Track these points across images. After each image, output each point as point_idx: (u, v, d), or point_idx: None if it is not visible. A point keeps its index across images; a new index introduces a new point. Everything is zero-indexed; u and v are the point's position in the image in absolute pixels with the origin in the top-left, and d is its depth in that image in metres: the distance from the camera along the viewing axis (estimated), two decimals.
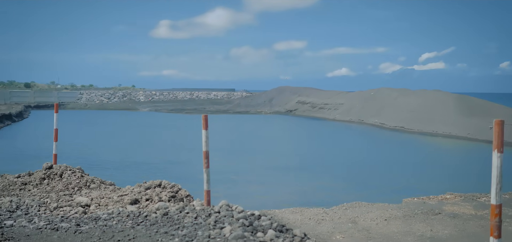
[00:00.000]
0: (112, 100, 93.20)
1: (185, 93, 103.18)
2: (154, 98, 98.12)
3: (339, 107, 67.38)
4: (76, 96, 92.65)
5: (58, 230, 6.05)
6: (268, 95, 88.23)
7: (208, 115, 7.52)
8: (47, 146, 33.11)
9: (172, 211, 6.85)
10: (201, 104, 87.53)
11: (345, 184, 22.44)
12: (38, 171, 10.55)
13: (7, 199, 8.34)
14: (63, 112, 69.23)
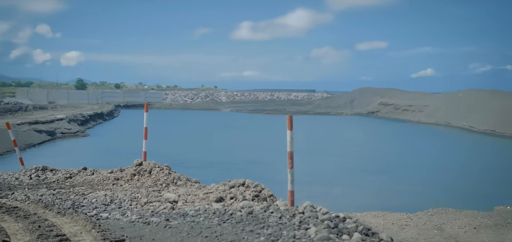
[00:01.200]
0: (195, 100, 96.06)
1: (265, 94, 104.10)
2: (235, 98, 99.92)
3: (424, 109, 64.99)
4: (161, 97, 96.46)
5: (150, 224, 6.32)
6: (349, 97, 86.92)
7: (292, 116, 7.52)
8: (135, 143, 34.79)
9: (257, 210, 6.93)
10: (281, 105, 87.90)
11: (430, 189, 21.60)
12: (129, 167, 11.09)
13: (102, 193, 8.85)
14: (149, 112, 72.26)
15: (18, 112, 57.18)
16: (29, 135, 34.82)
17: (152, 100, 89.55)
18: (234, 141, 41.37)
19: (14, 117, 44.89)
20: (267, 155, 30.99)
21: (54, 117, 43.84)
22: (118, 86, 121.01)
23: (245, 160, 28.69)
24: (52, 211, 7.14)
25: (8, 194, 8.93)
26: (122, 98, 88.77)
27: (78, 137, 40.02)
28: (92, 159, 26.52)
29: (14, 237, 5.69)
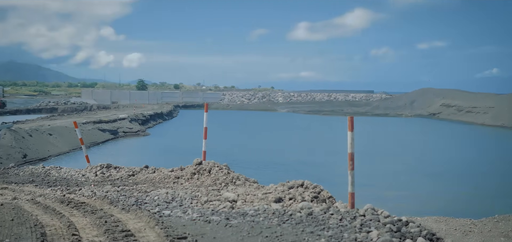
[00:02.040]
0: (252, 101, 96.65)
1: (322, 95, 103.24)
2: (292, 99, 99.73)
3: (489, 111, 62.28)
4: (219, 97, 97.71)
5: (210, 223, 6.41)
6: (409, 98, 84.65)
7: (353, 117, 7.41)
8: (192, 143, 35.38)
9: (316, 211, 6.87)
10: (338, 106, 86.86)
11: (496, 195, 20.66)
12: (189, 166, 11.29)
13: (164, 191, 9.07)
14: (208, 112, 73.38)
15: (83, 111, 59.68)
16: (94, 133, 36.19)
17: (210, 101, 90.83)
18: (290, 141, 41.28)
19: (80, 117, 46.85)
20: (324, 157, 30.73)
21: (117, 117, 45.35)
22: (177, 87, 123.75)
23: (302, 161, 28.56)
24: (117, 207, 7.39)
25: (76, 190, 9.32)
26: (181, 99, 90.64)
27: (139, 136, 41.20)
28: (152, 157, 27.24)
29: (82, 231, 5.92)
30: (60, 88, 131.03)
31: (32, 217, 6.73)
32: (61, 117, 46.90)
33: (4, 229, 6.04)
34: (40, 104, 67.34)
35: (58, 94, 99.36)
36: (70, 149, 30.93)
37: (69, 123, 36.34)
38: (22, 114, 57.10)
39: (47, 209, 7.32)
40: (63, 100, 75.12)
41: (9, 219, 6.59)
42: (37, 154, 27.33)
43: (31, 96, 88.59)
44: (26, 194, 9.15)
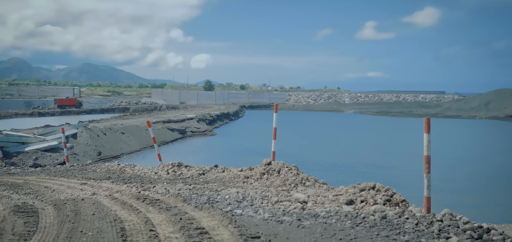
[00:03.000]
0: (318, 102, 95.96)
1: (390, 96, 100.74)
2: (359, 100, 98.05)
3: None
4: (285, 98, 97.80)
5: (282, 223, 6.40)
6: (484, 99, 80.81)
7: (430, 119, 7.15)
8: (258, 143, 35.64)
9: (390, 215, 6.69)
10: (407, 107, 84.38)
11: None
12: (257, 166, 11.35)
13: (234, 190, 9.16)
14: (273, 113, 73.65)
15: (153, 111, 61.67)
16: (163, 132, 37.24)
17: (276, 101, 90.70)
18: (357, 143, 40.57)
19: (150, 116, 48.41)
20: (392, 159, 29.95)
21: (185, 116, 46.44)
22: (243, 88, 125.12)
23: (369, 163, 27.98)
24: (190, 205, 7.55)
25: (150, 187, 9.62)
26: (247, 99, 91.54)
27: (206, 136, 41.96)
28: (219, 157, 27.66)
29: (159, 227, 6.09)
30: (131, 88, 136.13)
31: (111, 212, 7.02)
32: (133, 117, 48.67)
33: (86, 223, 6.34)
34: (113, 104, 70.28)
35: (130, 94, 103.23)
36: (141, 147, 31.96)
37: (140, 122, 37.64)
38: (96, 113, 59.84)
39: (125, 204, 7.61)
40: (135, 101, 77.93)
41: (91, 213, 6.91)
42: (111, 152, 28.42)
43: (105, 96, 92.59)
44: (103, 189, 9.56)
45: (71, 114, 57.48)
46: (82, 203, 7.83)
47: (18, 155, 21.18)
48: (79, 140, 26.80)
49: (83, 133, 27.92)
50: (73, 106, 62.73)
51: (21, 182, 10.98)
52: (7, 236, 5.79)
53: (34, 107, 62.42)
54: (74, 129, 27.91)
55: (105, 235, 5.73)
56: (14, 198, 8.72)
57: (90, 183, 10.58)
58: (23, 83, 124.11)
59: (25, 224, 6.35)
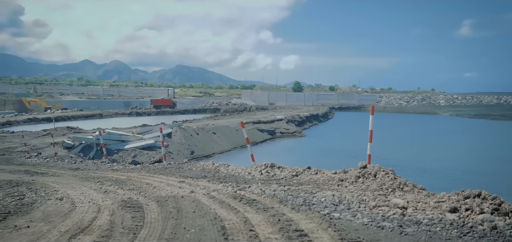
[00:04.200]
0: (411, 103, 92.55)
1: (490, 98, 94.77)
2: (455, 102, 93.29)
3: None
4: (375, 99, 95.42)
5: (383, 229, 6.21)
6: None
7: None
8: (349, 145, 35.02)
9: (501, 226, 6.25)
10: (510, 110, 78.91)
11: None
12: (352, 169, 11.13)
13: (329, 193, 9.04)
14: (363, 114, 72.15)
15: (243, 112, 62.75)
16: (253, 133, 37.73)
17: (366, 103, 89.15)
18: (454, 147, 38.58)
19: (241, 117, 49.30)
20: (494, 165, 28.12)
21: (274, 117, 46.72)
22: (333, 89, 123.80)
23: (467, 169, 26.47)
24: (287, 206, 7.55)
25: (245, 187, 9.76)
26: (336, 101, 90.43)
27: (295, 137, 41.93)
28: (309, 158, 27.51)
29: (258, 227, 6.15)
30: (222, 90, 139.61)
31: (210, 210, 7.20)
32: (224, 117, 49.83)
33: (188, 220, 6.55)
34: (205, 105, 72.45)
35: (221, 95, 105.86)
36: (231, 147, 32.56)
37: (231, 123, 38.42)
38: (189, 114, 62.02)
39: (223, 203, 7.77)
40: (225, 102, 79.80)
41: (191, 211, 7.13)
42: (203, 151, 29.23)
43: (197, 97, 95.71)
44: (201, 188, 9.84)
45: (166, 114, 60.03)
46: (183, 200, 8.10)
47: (119, 152, 22.42)
48: (174, 139, 27.86)
49: (177, 132, 29.00)
50: (168, 107, 65.46)
51: (124, 178, 11.60)
52: (118, 229, 6.12)
53: (132, 107, 65.96)
54: (169, 129, 29.07)
55: (207, 233, 5.88)
56: (119, 193, 9.23)
57: (188, 181, 10.94)
58: (123, 85, 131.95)
59: (133, 218, 6.68)
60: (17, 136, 27.75)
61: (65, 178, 12.15)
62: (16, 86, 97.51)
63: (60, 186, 10.35)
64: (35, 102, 61.30)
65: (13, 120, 45.10)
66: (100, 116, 53.75)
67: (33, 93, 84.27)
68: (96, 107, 62.50)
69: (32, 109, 57.54)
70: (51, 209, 7.72)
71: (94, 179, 11.54)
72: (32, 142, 22.95)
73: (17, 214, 7.32)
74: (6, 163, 16.37)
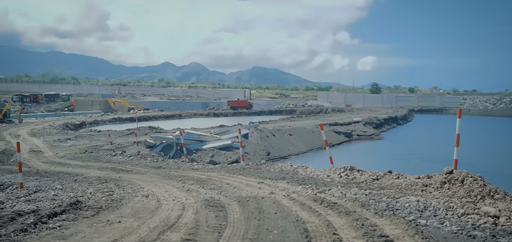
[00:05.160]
0: (498, 106, 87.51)
1: None
2: None
3: None
4: (458, 102, 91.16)
5: (475, 238, 5.90)
6: None
7: None
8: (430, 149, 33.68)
9: None
10: None
11: None
12: (436, 174, 10.67)
13: (413, 198, 8.73)
14: (446, 117, 69.22)
15: (319, 114, 62.26)
16: (329, 135, 37.31)
17: (448, 105, 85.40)
18: None
19: (317, 119, 48.93)
20: None
21: (351, 120, 45.94)
22: (412, 91, 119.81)
23: None
24: (369, 211, 7.37)
25: (325, 190, 9.65)
26: (416, 103, 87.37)
27: (373, 140, 40.99)
28: (388, 162, 26.76)
29: (341, 231, 6.05)
30: (298, 91, 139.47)
31: (292, 212, 7.18)
32: (299, 119, 49.67)
33: (270, 221, 6.57)
34: (281, 106, 72.66)
35: (296, 97, 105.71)
36: (307, 149, 32.40)
37: (307, 124, 38.25)
38: (265, 115, 62.46)
39: (303, 206, 7.73)
40: (301, 103, 79.62)
41: (273, 212, 7.16)
42: (279, 153, 29.29)
43: (273, 98, 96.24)
44: (280, 189, 9.85)
45: (242, 115, 60.86)
46: (263, 201, 8.15)
47: (197, 152, 22.98)
48: (250, 140, 28.15)
49: (254, 133, 29.27)
50: (244, 108, 66.34)
51: (205, 177, 11.87)
52: (203, 227, 6.27)
53: (210, 108, 67.48)
54: (246, 129, 29.41)
55: (289, 235, 5.86)
56: (201, 192, 9.45)
57: (267, 182, 10.99)
58: (201, 86, 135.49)
59: (216, 217, 6.81)
60: (103, 134, 29.29)
61: (149, 176, 12.64)
62: (102, 88, 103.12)
63: (145, 184, 10.78)
64: (120, 103, 64.41)
65: (100, 119, 47.67)
66: (179, 117, 55.45)
67: (117, 94, 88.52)
68: (176, 108, 64.62)
69: (116, 110, 60.54)
70: (138, 205, 8.06)
71: (176, 177, 11.90)
72: (117, 140, 24.10)
73: (108, 209, 7.71)
74: (94, 160, 17.31)
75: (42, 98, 65.54)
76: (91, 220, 6.86)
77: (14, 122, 40.83)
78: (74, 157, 18.66)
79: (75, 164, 16.32)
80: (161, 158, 19.80)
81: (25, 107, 55.52)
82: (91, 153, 19.70)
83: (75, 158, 18.32)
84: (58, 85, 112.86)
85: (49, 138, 26.89)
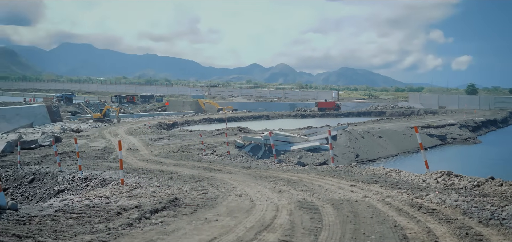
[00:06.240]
0: None
1: None
2: None
3: None
4: None
5: None
6: None
7: None
8: None
9: None
10: None
11: None
12: None
13: None
14: None
15: (410, 116, 60.11)
16: (422, 138, 35.79)
17: None
18: None
19: (408, 121, 47.29)
20: None
21: (445, 122, 43.92)
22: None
23: None
24: (473, 219, 6.96)
25: (422, 195, 9.25)
26: None
27: (469, 144, 38.90)
28: (488, 168, 25.22)
29: (443, 239, 5.76)
30: (387, 92, 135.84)
31: (388, 217, 6.95)
32: (390, 121, 48.25)
33: (367, 225, 6.41)
34: (370, 108, 71.04)
35: (386, 98, 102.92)
36: (398, 152, 31.41)
37: (398, 127, 37.08)
38: (353, 116, 61.36)
39: (400, 211, 7.46)
40: (391, 104, 77.36)
41: (369, 216, 6.97)
42: (368, 155, 28.64)
43: (361, 100, 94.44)
44: (374, 193, 9.59)
45: (330, 116, 60.21)
46: (357, 205, 7.98)
47: (285, 153, 23.02)
48: (338, 142, 27.76)
49: (342, 135, 28.84)
50: (332, 109, 65.62)
51: (295, 179, 11.84)
52: (298, 229, 6.24)
53: (297, 109, 67.48)
54: (334, 131, 29.05)
55: (388, 241, 5.68)
56: (293, 193, 9.44)
57: (359, 185, 10.75)
58: (288, 87, 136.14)
59: (311, 220, 6.76)
60: (194, 134, 30.28)
61: (240, 175, 12.85)
62: (193, 89, 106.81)
63: (237, 184, 10.96)
64: (210, 103, 66.32)
65: (191, 120, 49.36)
66: (267, 118, 55.98)
67: (207, 95, 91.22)
68: (263, 109, 65.35)
69: (206, 110, 62.38)
70: (233, 204, 8.20)
71: (267, 178, 11.99)
72: (207, 140, 24.79)
73: (204, 207, 7.93)
74: (186, 159, 17.93)
75: (138, 99, 69.08)
76: (190, 218, 7.08)
77: (113, 121, 43.45)
78: (168, 155, 19.44)
79: (169, 162, 17.00)
80: (250, 158, 20.06)
81: (122, 107, 58.85)
82: (183, 152, 20.41)
83: (168, 156, 19.08)
84: (152, 86, 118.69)
85: (145, 136, 28.26)
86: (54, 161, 16.70)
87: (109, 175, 12.88)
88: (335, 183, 11.05)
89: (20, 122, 38.00)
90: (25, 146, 21.58)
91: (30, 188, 13.62)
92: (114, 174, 12.94)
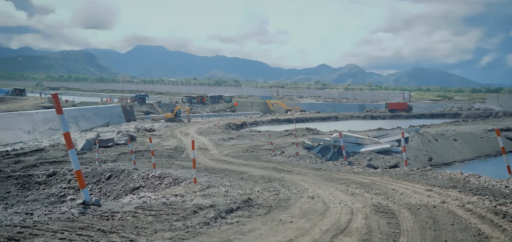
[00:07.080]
0: None
1: None
2: None
3: None
4: None
5: None
6: None
7: None
8: None
9: None
10: None
11: None
12: None
13: None
14: None
15: (488, 118, 57.28)
16: (503, 142, 34.10)
17: None
18: None
19: (485, 123, 45.11)
20: None
21: None
22: None
23: None
24: None
25: (507, 202, 8.73)
26: None
27: None
28: None
29: None
30: (462, 93, 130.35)
31: (471, 224, 6.61)
32: (465, 123, 46.24)
33: (448, 233, 6.12)
34: (443, 109, 68.42)
35: (461, 99, 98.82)
36: (474, 156, 30.09)
37: (474, 129, 35.47)
38: (426, 118, 59.34)
39: (483, 218, 7.07)
40: (467, 106, 74.13)
41: (449, 223, 6.66)
42: (442, 158, 27.60)
43: (434, 101, 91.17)
44: (452, 198, 9.17)
45: (401, 118, 58.61)
46: (435, 210, 7.65)
47: (354, 155, 22.62)
48: (410, 144, 26.92)
49: (415, 137, 27.96)
50: (403, 111, 63.83)
51: (368, 181, 11.57)
52: (376, 234, 6.07)
53: (367, 110, 66.22)
54: (406, 133, 28.22)
55: None
56: (367, 197, 9.22)
57: (436, 190, 10.32)
58: (357, 88, 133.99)
59: (388, 224, 6.55)
60: (263, 134, 30.43)
61: (310, 177, 12.73)
62: (261, 90, 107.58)
63: (308, 185, 10.86)
64: (278, 104, 66.50)
65: (259, 120, 49.72)
66: (336, 119, 55.35)
67: (275, 96, 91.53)
68: (332, 110, 64.66)
69: (274, 111, 62.59)
70: (306, 206, 8.12)
71: (338, 180, 11.80)
72: (275, 141, 24.81)
73: (278, 208, 7.90)
74: (255, 159, 18.03)
75: (208, 100, 70.49)
76: (264, 218, 7.08)
77: (184, 121, 44.59)
78: (237, 155, 19.64)
79: (238, 162, 17.16)
80: (320, 160, 19.87)
81: (192, 107, 60.27)
82: (252, 152, 20.54)
83: (238, 156, 19.28)
84: (221, 87, 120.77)
85: (214, 136, 28.76)
86: (129, 158, 17.36)
87: (181, 173, 13.18)
88: (410, 187, 10.67)
89: (97, 121, 39.94)
90: (103, 144, 22.56)
91: (108, 184, 14.21)
92: (186, 173, 13.23)
